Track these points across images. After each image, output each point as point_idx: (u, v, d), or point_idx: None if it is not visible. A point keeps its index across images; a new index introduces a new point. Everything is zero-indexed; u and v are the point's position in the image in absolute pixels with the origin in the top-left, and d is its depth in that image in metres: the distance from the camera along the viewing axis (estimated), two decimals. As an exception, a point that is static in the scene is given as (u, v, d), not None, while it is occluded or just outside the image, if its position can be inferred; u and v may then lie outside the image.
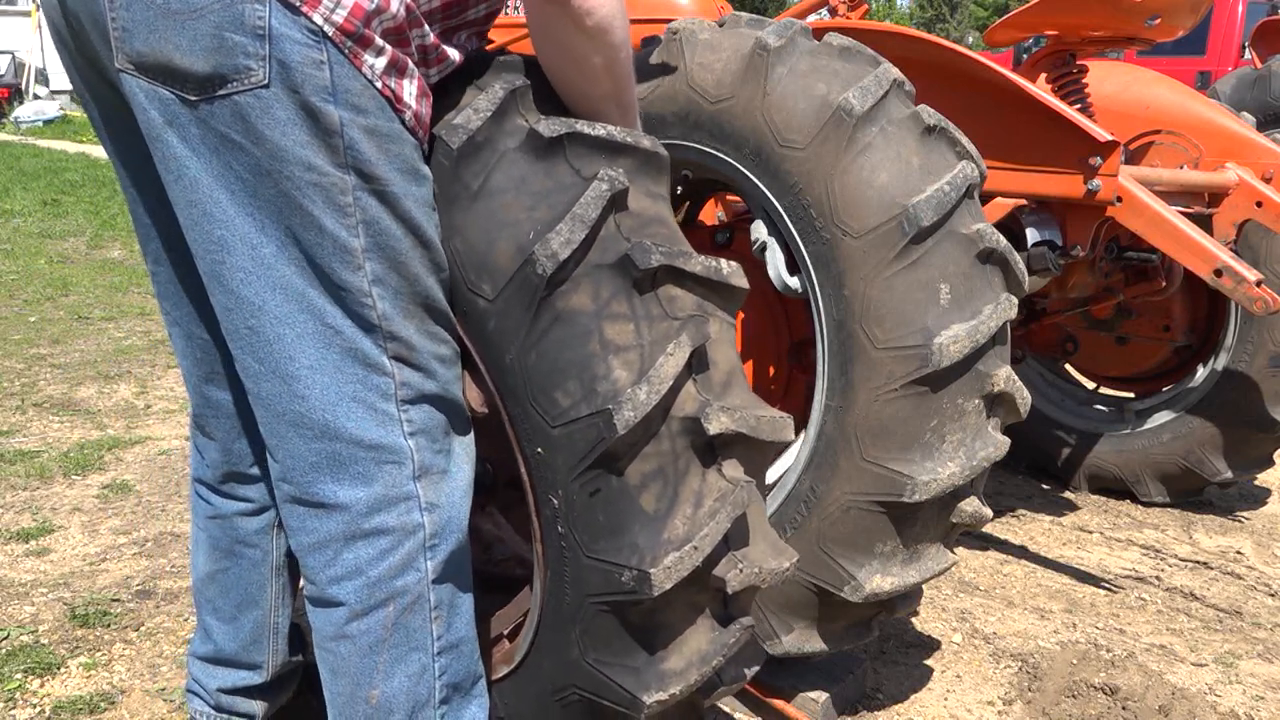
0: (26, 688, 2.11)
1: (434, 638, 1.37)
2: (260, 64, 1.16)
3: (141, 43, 1.17)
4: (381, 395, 1.31)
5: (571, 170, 1.35)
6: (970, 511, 1.85)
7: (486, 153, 1.35)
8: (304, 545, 1.35)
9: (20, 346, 4.85)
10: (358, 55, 1.21)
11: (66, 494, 3.16)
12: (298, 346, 1.27)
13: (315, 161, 1.21)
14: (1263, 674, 2.43)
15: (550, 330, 1.31)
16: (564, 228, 1.29)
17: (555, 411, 1.33)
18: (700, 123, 1.93)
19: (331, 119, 1.20)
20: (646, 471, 1.33)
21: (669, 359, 1.30)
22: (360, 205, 1.24)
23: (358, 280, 1.26)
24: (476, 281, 1.36)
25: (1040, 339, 3.54)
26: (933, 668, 2.39)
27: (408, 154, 1.28)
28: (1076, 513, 3.47)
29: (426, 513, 1.34)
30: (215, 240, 1.24)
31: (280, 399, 1.29)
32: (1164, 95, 3.16)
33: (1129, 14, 2.61)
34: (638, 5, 3.04)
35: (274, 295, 1.25)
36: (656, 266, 1.32)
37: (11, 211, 9.06)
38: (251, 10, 1.15)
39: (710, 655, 1.41)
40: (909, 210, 1.71)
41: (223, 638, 1.69)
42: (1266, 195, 2.83)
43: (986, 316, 1.75)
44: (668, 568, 1.31)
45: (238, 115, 1.18)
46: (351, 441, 1.29)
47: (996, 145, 2.28)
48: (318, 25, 1.17)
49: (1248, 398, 3.18)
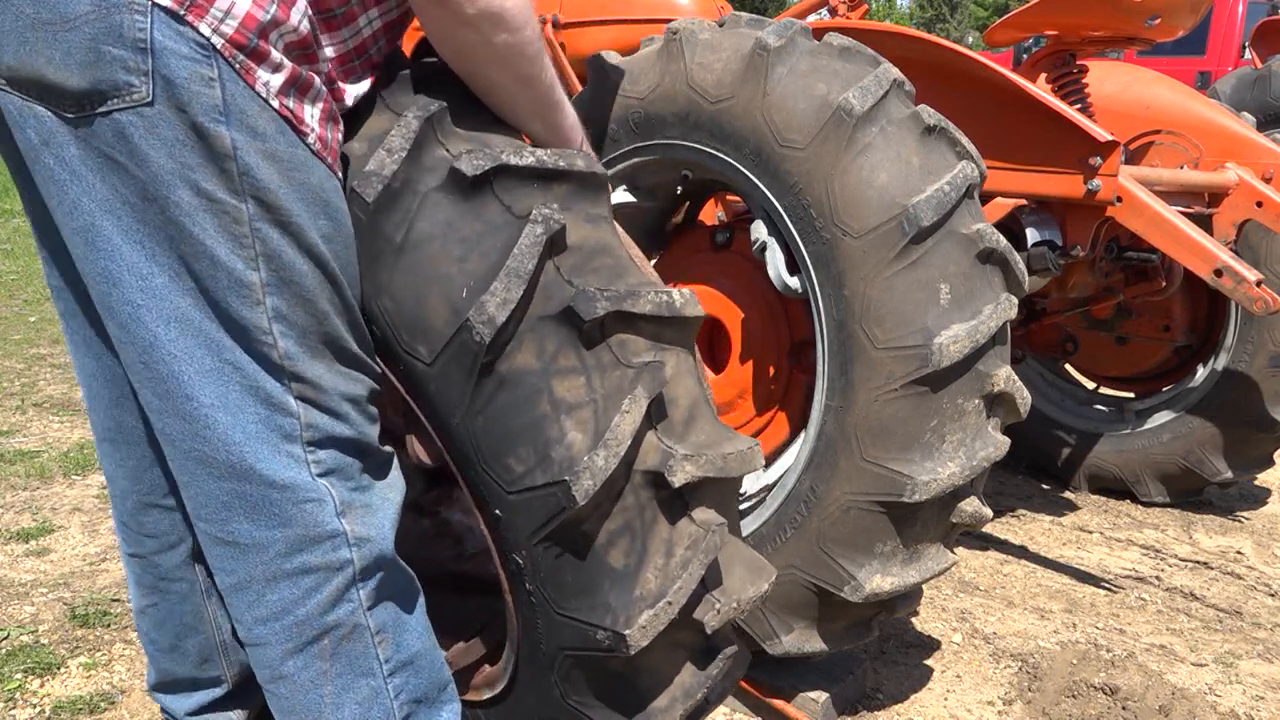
0: (26, 688, 2.11)
1: (382, 661, 1.30)
2: (143, 79, 1.06)
3: (12, 56, 1.07)
4: (285, 436, 1.22)
5: (502, 208, 1.25)
6: (970, 511, 1.84)
7: (407, 198, 1.24)
8: (227, 585, 1.28)
9: (20, 346, 4.85)
10: (250, 71, 1.11)
11: (66, 494, 3.16)
12: (196, 384, 1.18)
13: (206, 187, 1.11)
14: (1263, 674, 2.43)
15: (496, 395, 1.23)
16: (499, 286, 1.19)
17: (509, 478, 1.26)
18: (700, 123, 1.93)
19: (224, 142, 1.10)
20: (612, 529, 1.26)
21: (625, 416, 1.23)
22: (260, 236, 1.15)
23: (256, 316, 1.17)
24: (411, 343, 1.26)
25: (1040, 339, 3.54)
26: (933, 668, 2.39)
27: (314, 182, 1.18)
28: (1076, 513, 3.47)
29: (355, 548, 1.26)
30: (100, 271, 1.15)
31: (183, 437, 1.21)
32: (1164, 95, 3.16)
33: (1129, 14, 2.61)
34: (637, 5, 3.05)
35: (167, 329, 1.16)
36: (603, 314, 1.23)
37: (11, 211, 9.05)
38: (131, 21, 1.05)
39: (695, 689, 1.38)
40: (909, 210, 1.71)
41: (171, 665, 1.62)
42: (1266, 195, 2.83)
43: (986, 316, 1.74)
44: (643, 626, 1.26)
45: (120, 135, 1.08)
46: (260, 482, 1.21)
47: (996, 145, 2.28)
48: (205, 37, 1.08)
49: (1248, 398, 3.18)
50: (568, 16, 3.18)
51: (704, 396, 1.39)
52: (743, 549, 1.45)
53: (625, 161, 2.11)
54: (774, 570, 1.46)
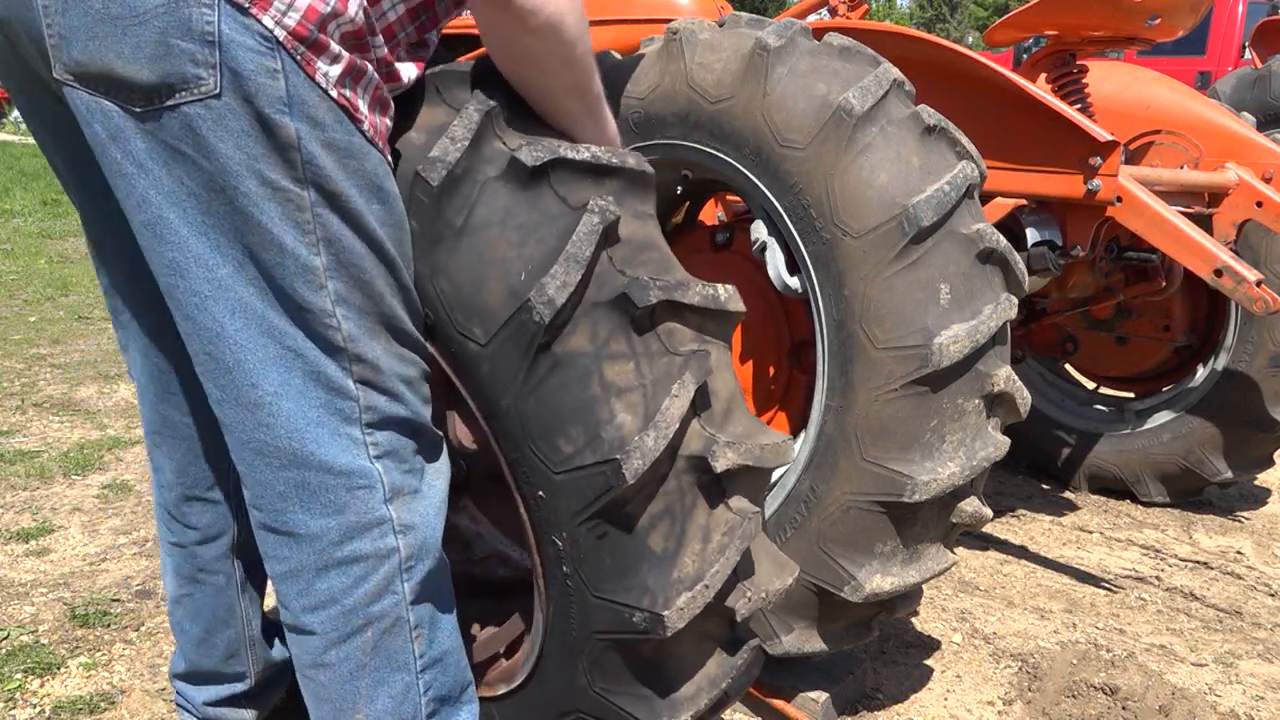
0: (26, 688, 2.11)
1: (416, 656, 1.34)
2: (210, 72, 1.09)
3: (80, 51, 1.09)
4: (345, 419, 1.25)
5: (558, 199, 1.29)
6: (970, 511, 1.84)
7: (467, 185, 1.29)
8: (277, 573, 1.31)
9: (20, 346, 4.85)
10: (310, 62, 1.14)
11: (66, 494, 3.16)
12: (259, 372, 1.21)
13: (272, 176, 1.14)
14: (1263, 674, 2.43)
15: (549, 375, 1.27)
16: (559, 270, 1.24)
17: (558, 458, 1.29)
18: (700, 123, 1.93)
19: (288, 132, 1.13)
20: (654, 512, 1.29)
21: (674, 400, 1.27)
22: (321, 222, 1.18)
23: (320, 300, 1.20)
24: (466, 324, 1.30)
25: (1040, 339, 3.54)
26: (933, 668, 2.39)
27: (369, 168, 1.22)
28: (1076, 513, 3.47)
29: (401, 535, 1.30)
30: (168, 263, 1.18)
31: (245, 427, 1.24)
32: (1164, 95, 3.16)
33: (1129, 14, 2.61)
34: (637, 5, 3.04)
35: (233, 319, 1.19)
36: (655, 302, 1.27)
37: (11, 211, 9.06)
38: (199, 14, 1.07)
39: (720, 679, 1.40)
40: (909, 210, 1.71)
41: (199, 657, 1.66)
42: (1266, 195, 2.83)
43: (986, 316, 1.75)
44: (680, 608, 1.29)
45: (187, 127, 1.11)
46: (320, 468, 1.24)
47: (996, 145, 2.28)
48: (269, 30, 1.10)
49: (1248, 398, 3.18)
50: (568, 16, 3.18)
51: (739, 391, 1.43)
52: (768, 544, 1.48)
53: (625, 161, 2.11)
54: (796, 567, 1.49)
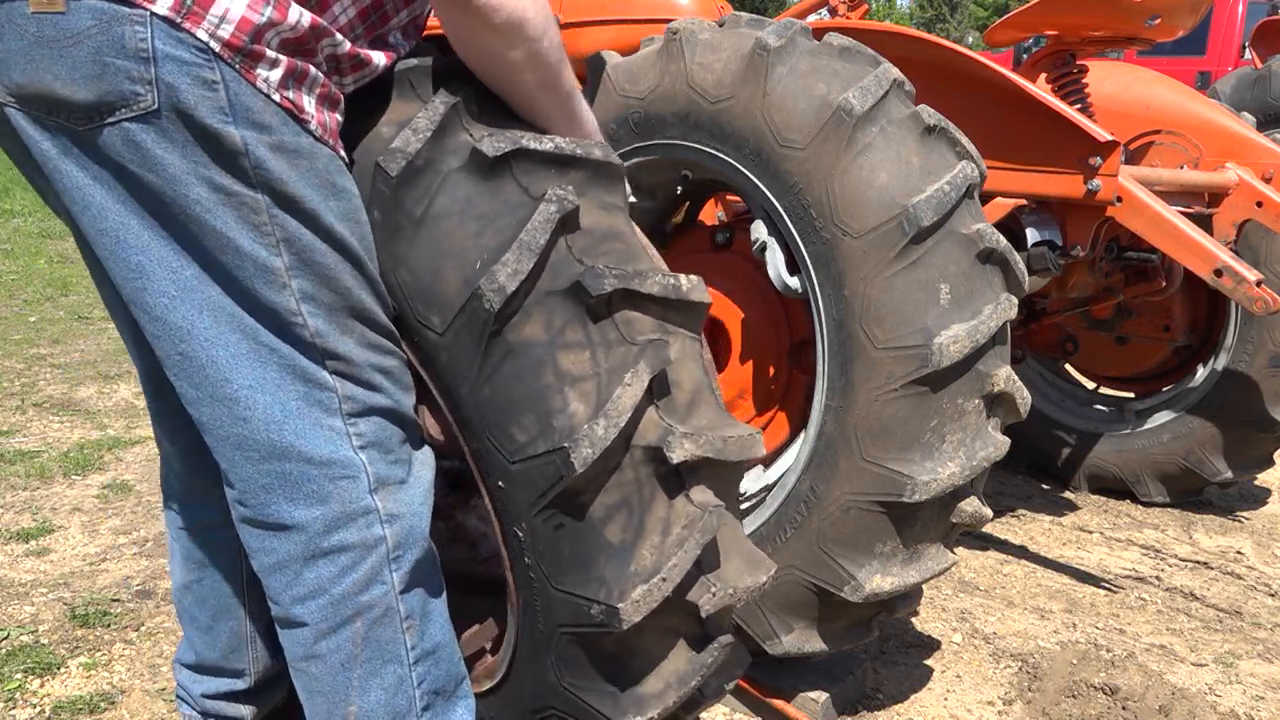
0: (26, 688, 2.11)
1: (408, 648, 1.34)
2: (148, 88, 1.10)
3: (19, 74, 1.11)
4: (325, 410, 1.26)
5: (519, 189, 1.29)
6: (970, 511, 1.84)
7: (428, 176, 1.29)
8: (264, 566, 1.31)
9: (20, 346, 4.85)
10: (250, 70, 1.15)
11: (66, 494, 3.16)
12: (233, 367, 1.22)
13: (222, 183, 1.16)
14: (1263, 674, 2.43)
15: (502, 364, 1.26)
16: (510, 257, 1.23)
17: (512, 447, 1.28)
18: (700, 123, 1.93)
19: (234, 140, 1.15)
20: (610, 503, 1.28)
21: (626, 389, 1.26)
22: (278, 223, 1.19)
23: (284, 299, 1.22)
24: (425, 314, 1.30)
25: (1040, 339, 3.54)
26: (933, 668, 2.39)
27: (321, 166, 1.22)
28: (1076, 513, 3.47)
29: (387, 525, 1.30)
30: (133, 267, 1.19)
31: (223, 423, 1.25)
32: (1164, 95, 3.16)
33: (1129, 14, 2.61)
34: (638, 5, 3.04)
35: (201, 317, 1.20)
36: (610, 291, 1.26)
37: (11, 211, 9.06)
38: (132, 32, 1.08)
39: (689, 675, 1.39)
40: (909, 210, 1.71)
41: (203, 646, 1.67)
42: (1266, 195, 2.83)
43: (986, 316, 1.75)
44: (636, 601, 1.27)
45: (130, 143, 1.12)
46: (301, 459, 1.25)
47: (996, 145, 2.28)
48: (203, 42, 1.11)
49: (1248, 398, 3.18)
50: (568, 16, 3.18)
51: (709, 385, 1.41)
52: (742, 541, 1.46)
53: (625, 161, 2.11)
54: (773, 565, 1.47)
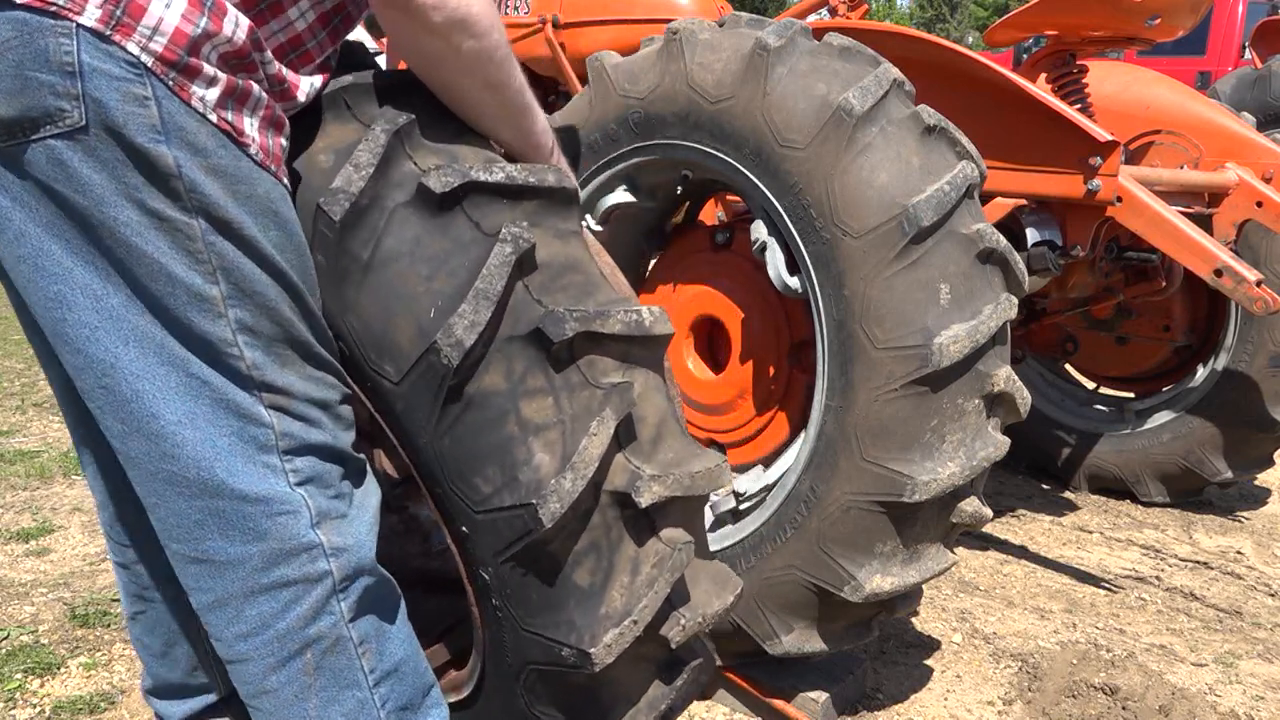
0: (26, 688, 2.11)
1: (366, 671, 1.28)
2: (74, 104, 1.03)
3: None
4: (260, 447, 1.19)
5: (471, 224, 1.23)
6: (970, 511, 1.84)
7: (374, 215, 1.22)
8: (203, 604, 1.25)
9: (20, 346, 4.85)
10: (184, 87, 1.08)
11: (66, 494, 3.16)
12: (161, 402, 1.14)
13: (155, 206, 1.09)
14: (1263, 674, 2.43)
15: (463, 416, 1.22)
16: (468, 309, 1.18)
17: (477, 498, 1.25)
18: (700, 123, 1.93)
19: (166, 161, 1.08)
20: (579, 549, 1.26)
21: (593, 440, 1.22)
22: (215, 250, 1.12)
23: (220, 329, 1.15)
24: (378, 362, 1.25)
25: (1040, 339, 3.54)
26: (933, 668, 2.39)
27: (261, 193, 1.16)
28: (1076, 513, 3.47)
29: (333, 558, 1.24)
30: (52, 296, 1.11)
31: (150, 459, 1.17)
32: (1164, 95, 3.16)
33: (1129, 14, 2.61)
34: (637, 5, 3.05)
35: (127, 349, 1.13)
36: (572, 335, 1.22)
37: (11, 211, 9.06)
38: (56, 44, 1.02)
39: (659, 701, 1.38)
40: (909, 210, 1.71)
41: (162, 672, 1.61)
42: (1266, 195, 2.83)
43: (986, 316, 1.74)
44: (608, 645, 1.26)
45: (55, 161, 1.05)
46: (234, 496, 1.18)
47: (996, 145, 2.28)
48: (134, 55, 1.05)
49: (1248, 398, 3.18)
50: (568, 16, 3.18)
51: (673, 413, 1.38)
52: (709, 564, 1.44)
53: (625, 161, 2.11)
54: (740, 583, 1.46)
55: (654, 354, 1.35)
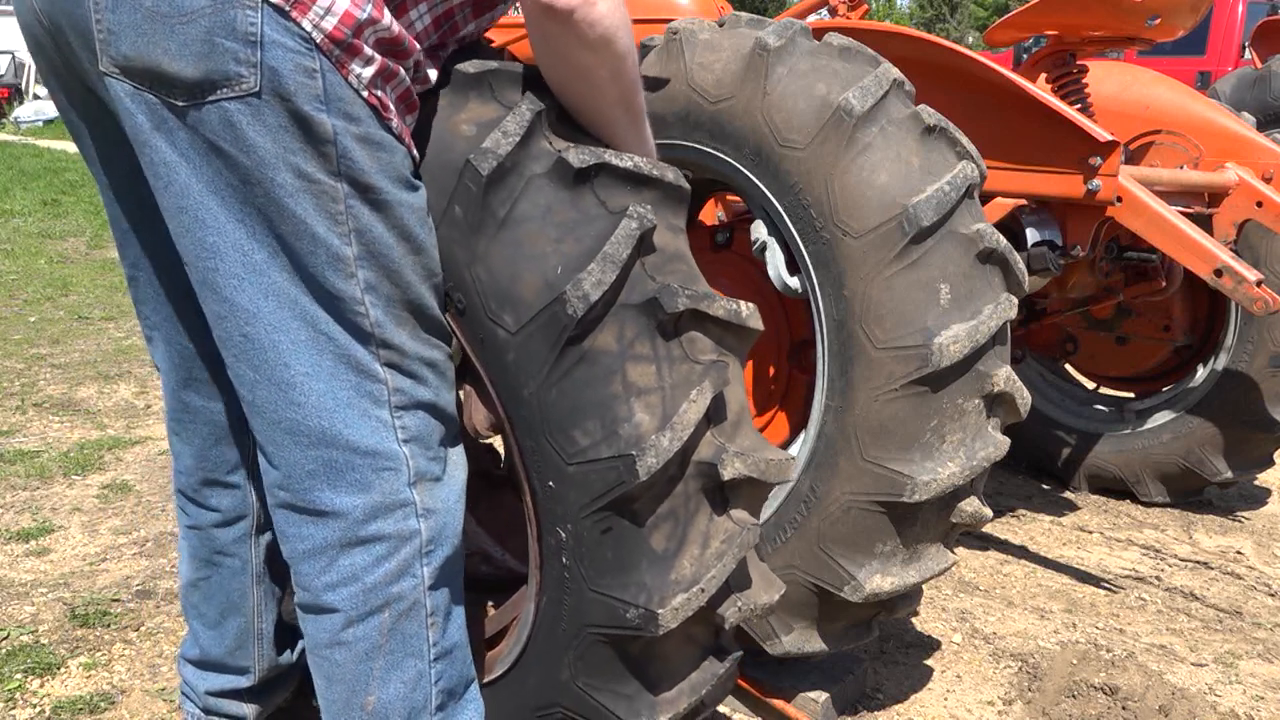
0: (26, 688, 2.11)
1: (430, 644, 1.36)
2: (251, 71, 1.14)
3: (129, 46, 1.14)
4: (375, 402, 1.29)
5: (598, 202, 1.34)
6: (970, 511, 1.84)
7: (513, 179, 1.33)
8: (298, 552, 1.33)
9: (20, 346, 4.85)
10: (344, 64, 1.19)
11: (66, 494, 3.16)
12: (292, 353, 1.25)
13: (307, 169, 1.19)
14: (1263, 674, 2.43)
15: (574, 369, 1.30)
16: (595, 268, 1.28)
17: (573, 450, 1.32)
18: (700, 123, 1.93)
19: (325, 127, 1.19)
20: (659, 512, 1.33)
21: (692, 405, 1.30)
22: (353, 213, 1.23)
23: (350, 288, 1.25)
24: (498, 311, 1.34)
25: (1040, 339, 3.54)
26: (933, 668, 2.39)
27: (398, 162, 1.27)
28: (1076, 513, 3.47)
29: (423, 519, 1.33)
30: (207, 246, 1.23)
31: (276, 406, 1.28)
32: (1164, 95, 3.16)
33: (1129, 14, 2.61)
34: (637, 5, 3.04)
35: (267, 301, 1.24)
36: (682, 310, 1.31)
37: (11, 211, 9.06)
38: (244, 16, 1.13)
39: (701, 685, 1.43)
40: (909, 210, 1.71)
41: (208, 642, 1.69)
42: (1266, 195, 2.83)
43: (986, 316, 1.75)
44: (675, 608, 1.32)
45: (227, 123, 1.16)
46: (348, 448, 1.28)
47: (996, 145, 2.28)
48: (307, 32, 1.15)
49: (1248, 398, 3.18)
50: (568, 16, 3.18)
51: (747, 406, 1.46)
52: (758, 561, 1.52)
53: (625, 161, 2.11)
54: (783, 585, 1.53)
55: (743, 345, 1.44)
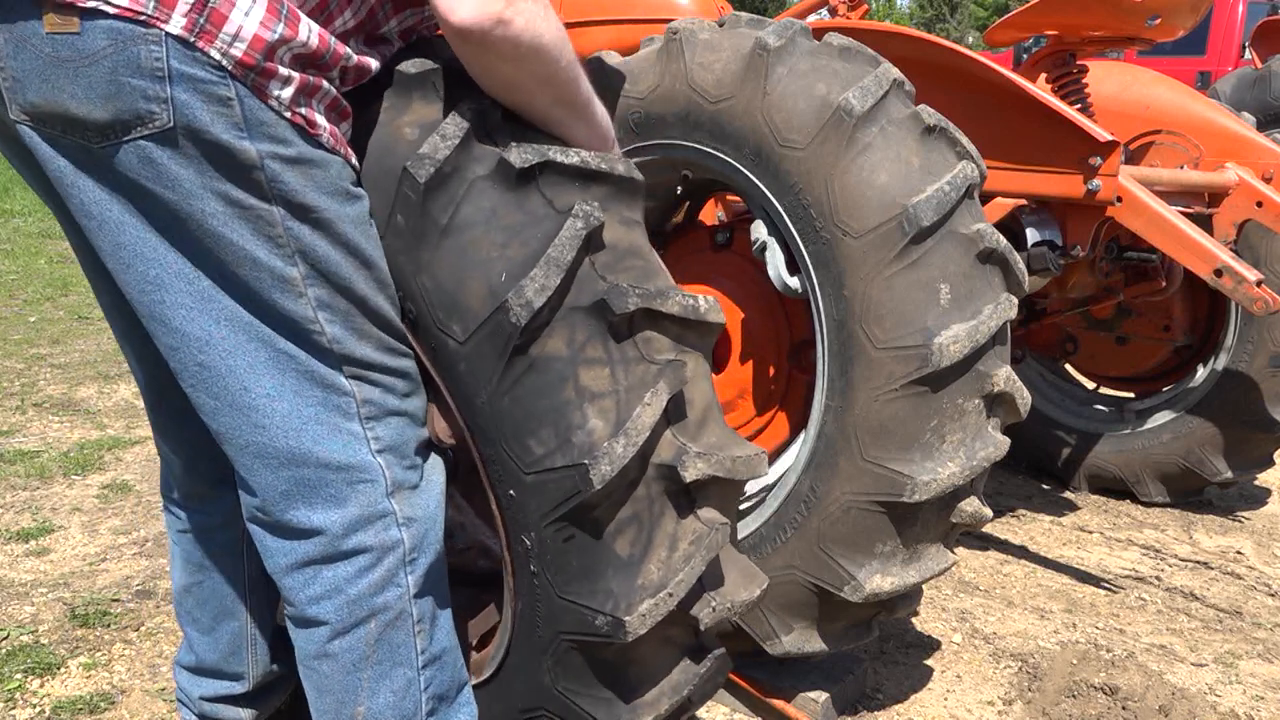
0: (26, 688, 2.11)
1: (418, 651, 1.35)
2: (163, 106, 1.11)
3: (35, 93, 1.11)
4: (344, 415, 1.28)
5: (544, 201, 1.30)
6: (970, 511, 1.84)
7: (455, 183, 1.29)
8: (280, 567, 1.32)
9: (20, 346, 4.85)
10: (261, 88, 1.16)
11: (66, 494, 3.16)
12: (251, 376, 1.23)
13: (237, 197, 1.17)
14: (1263, 674, 2.43)
15: (524, 377, 1.28)
16: (538, 273, 1.24)
17: (529, 459, 1.30)
18: (700, 123, 1.93)
19: (249, 154, 1.16)
20: (621, 518, 1.30)
21: (646, 409, 1.27)
22: (293, 235, 1.21)
23: (301, 308, 1.23)
24: (446, 321, 1.31)
25: (1040, 339, 3.54)
26: (933, 668, 2.39)
27: (333, 176, 1.24)
28: (1076, 513, 3.47)
29: (404, 528, 1.32)
30: (150, 280, 1.20)
31: (241, 431, 1.26)
32: (1164, 95, 3.16)
33: (1129, 14, 2.61)
34: (638, 5, 3.04)
35: (219, 327, 1.22)
36: (633, 310, 1.28)
37: (11, 211, 9.06)
38: (147, 51, 1.09)
39: (683, 685, 1.41)
40: (909, 210, 1.71)
41: (203, 648, 1.68)
42: (1266, 195, 2.83)
43: (986, 316, 1.74)
44: (642, 614, 1.30)
45: (147, 160, 1.13)
46: (319, 464, 1.27)
47: (996, 145, 2.28)
48: (216, 60, 1.12)
49: (1248, 398, 3.18)
50: (568, 16, 3.18)
51: (716, 402, 1.43)
52: (738, 555, 1.48)
53: (625, 161, 2.11)
54: (766, 579, 1.49)
55: (705, 340, 1.40)
